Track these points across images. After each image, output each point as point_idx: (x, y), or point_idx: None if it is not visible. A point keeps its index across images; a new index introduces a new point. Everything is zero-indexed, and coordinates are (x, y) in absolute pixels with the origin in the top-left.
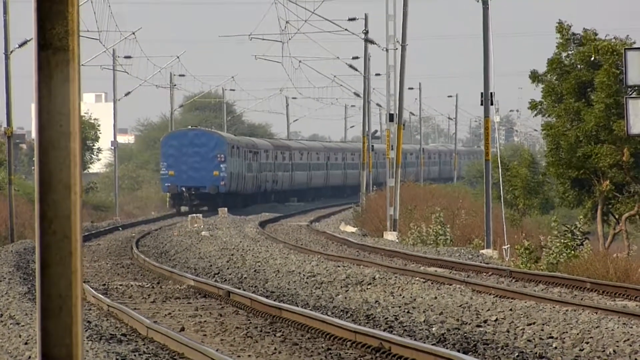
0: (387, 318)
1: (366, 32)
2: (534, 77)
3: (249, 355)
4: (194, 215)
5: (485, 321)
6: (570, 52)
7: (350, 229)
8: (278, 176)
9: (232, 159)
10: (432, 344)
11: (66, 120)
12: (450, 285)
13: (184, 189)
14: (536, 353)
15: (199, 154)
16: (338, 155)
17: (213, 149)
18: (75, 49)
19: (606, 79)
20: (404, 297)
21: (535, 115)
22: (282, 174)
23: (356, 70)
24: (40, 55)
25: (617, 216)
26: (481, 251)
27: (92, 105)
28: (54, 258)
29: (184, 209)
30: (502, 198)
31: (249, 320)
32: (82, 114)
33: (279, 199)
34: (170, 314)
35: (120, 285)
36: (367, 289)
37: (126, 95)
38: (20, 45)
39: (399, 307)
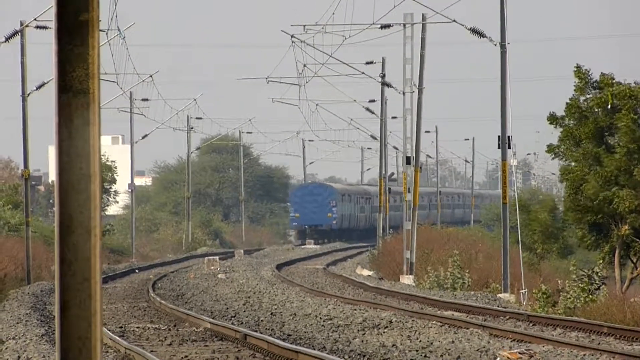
0: None
1: (383, 76)
2: (553, 119)
3: None
4: (211, 257)
5: None
6: (588, 97)
7: (366, 272)
8: (390, 215)
9: (342, 204)
10: None
11: (86, 162)
12: (467, 329)
13: (306, 227)
14: None
15: (316, 201)
16: (434, 197)
17: (327, 197)
18: (95, 91)
19: (631, 123)
20: (420, 341)
21: (553, 158)
22: (394, 214)
23: (373, 113)
24: (60, 97)
25: (634, 260)
26: (498, 295)
27: (109, 147)
28: (73, 300)
29: (308, 241)
30: (519, 242)
31: None
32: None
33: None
34: (186, 356)
35: (137, 327)
36: (383, 332)
37: (143, 137)
38: (38, 88)
39: (416, 351)
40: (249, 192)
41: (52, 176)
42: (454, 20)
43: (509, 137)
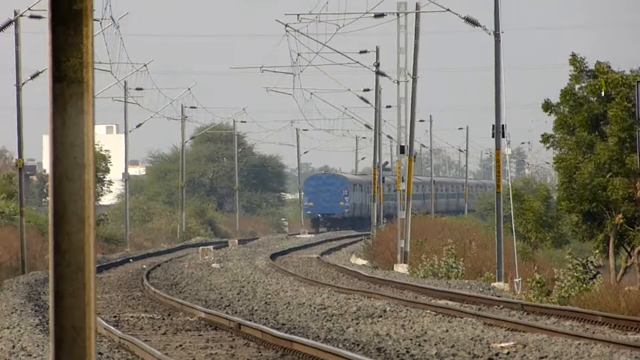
0: (398, 351)
1: (377, 65)
2: (547, 107)
3: None
4: (205, 247)
5: (497, 354)
6: (583, 85)
7: (360, 261)
8: (390, 204)
9: (354, 193)
10: None
11: (80, 152)
12: (462, 318)
13: (319, 215)
14: None
15: (329, 191)
16: (443, 187)
17: (339, 187)
18: (89, 81)
19: (620, 112)
20: (415, 330)
21: (548, 148)
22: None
23: (367, 102)
24: (54, 87)
25: (628, 249)
26: (492, 284)
27: (103, 136)
28: (67, 290)
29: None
30: (513, 231)
31: (260, 352)
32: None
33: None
34: (181, 345)
35: (131, 317)
36: (378, 321)
37: (137, 127)
38: (32, 77)
39: (410, 340)
40: (243, 182)
41: (46, 166)
42: (448, 9)
43: (503, 126)
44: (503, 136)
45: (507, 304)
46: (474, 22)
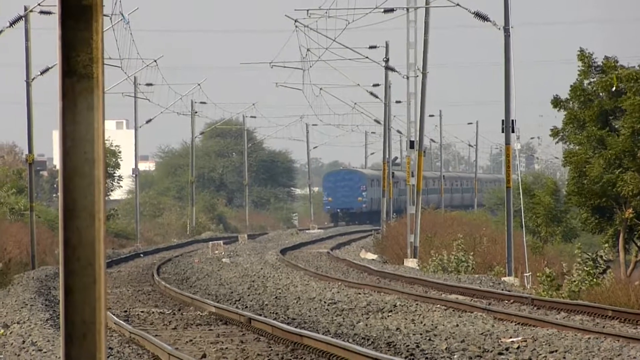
0: (408, 346)
1: (387, 60)
2: (556, 102)
3: None
4: (215, 242)
5: (507, 349)
6: (592, 80)
7: (370, 256)
8: (404, 199)
9: (371, 188)
10: None
11: (90, 147)
12: (472, 312)
13: (338, 210)
14: None
15: (348, 186)
16: (458, 181)
17: (357, 182)
18: (99, 76)
19: (637, 102)
20: (425, 324)
21: (557, 142)
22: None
23: (377, 97)
24: (64, 82)
25: (639, 244)
26: (502, 278)
27: (113, 132)
28: (78, 285)
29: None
30: (523, 226)
31: (270, 347)
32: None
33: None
34: (191, 340)
35: (142, 311)
36: (388, 316)
37: (147, 122)
38: (42, 73)
39: (420, 334)
40: (253, 177)
41: (56, 161)
42: (458, 4)
43: (512, 121)
44: (513, 131)
45: (517, 298)
46: (483, 17)
